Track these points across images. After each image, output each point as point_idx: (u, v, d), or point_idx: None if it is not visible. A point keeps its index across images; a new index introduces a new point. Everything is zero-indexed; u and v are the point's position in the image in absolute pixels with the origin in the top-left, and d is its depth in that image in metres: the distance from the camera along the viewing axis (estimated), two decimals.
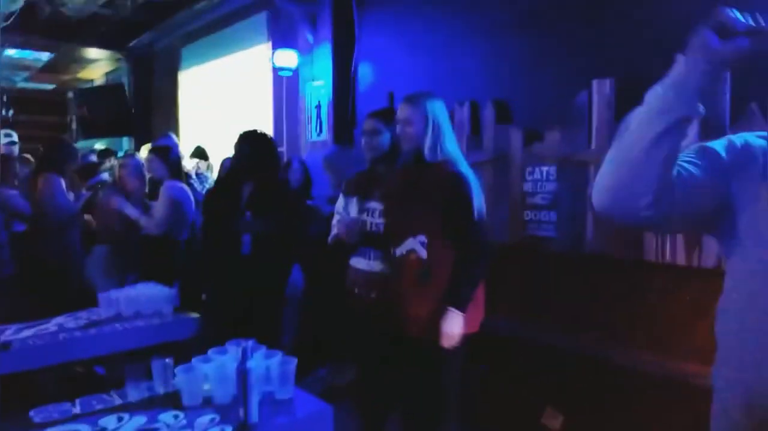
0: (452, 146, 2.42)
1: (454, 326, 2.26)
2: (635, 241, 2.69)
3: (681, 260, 2.55)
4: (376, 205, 2.64)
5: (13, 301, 3.50)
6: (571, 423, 2.87)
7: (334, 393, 1.95)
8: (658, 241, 2.62)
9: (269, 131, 5.49)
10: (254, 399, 1.74)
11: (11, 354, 2.42)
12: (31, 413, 1.79)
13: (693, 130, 2.49)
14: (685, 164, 1.11)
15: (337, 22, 4.78)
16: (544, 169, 3.10)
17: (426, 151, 2.35)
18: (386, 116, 2.68)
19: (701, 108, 1.01)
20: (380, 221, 2.60)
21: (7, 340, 2.53)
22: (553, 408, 2.93)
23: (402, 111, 2.41)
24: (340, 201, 2.82)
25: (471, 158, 2.88)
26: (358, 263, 2.67)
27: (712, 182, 1.10)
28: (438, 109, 2.39)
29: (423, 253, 2.32)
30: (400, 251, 2.38)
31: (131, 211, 3.73)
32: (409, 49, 4.30)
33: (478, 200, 2.35)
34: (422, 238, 2.33)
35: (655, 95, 1.04)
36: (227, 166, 4.16)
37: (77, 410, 1.84)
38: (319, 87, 4.94)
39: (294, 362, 1.95)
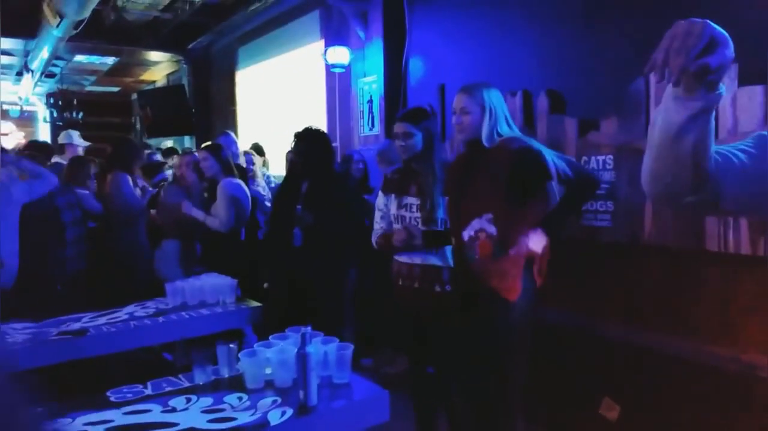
0: (511, 129, 2.42)
1: (533, 242, 2.28)
2: (695, 231, 2.63)
3: (745, 249, 2.48)
4: (413, 200, 2.67)
5: (88, 293, 3.71)
6: (628, 415, 2.83)
7: (383, 383, 2.00)
8: (720, 230, 2.56)
9: (323, 126, 5.60)
10: (313, 383, 1.82)
11: (87, 340, 2.59)
12: (108, 393, 1.92)
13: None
14: (736, 152, 1.09)
15: (387, 18, 4.83)
16: (600, 158, 3.06)
17: (484, 139, 2.35)
18: (415, 117, 2.69)
19: (718, 96, 0.99)
20: (418, 215, 2.64)
21: (84, 327, 2.70)
22: (610, 399, 2.90)
23: (458, 101, 2.41)
24: (381, 198, 2.86)
25: None
26: (400, 256, 2.73)
27: (761, 170, 1.08)
28: (495, 97, 2.39)
29: (492, 229, 2.31)
30: (467, 233, 2.38)
31: (197, 213, 3.90)
32: (459, 42, 4.30)
33: (551, 158, 2.30)
34: (488, 215, 2.32)
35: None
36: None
37: (149, 391, 1.96)
38: (370, 82, 5.00)
39: (351, 348, 2.02)
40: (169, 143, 9.48)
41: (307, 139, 3.38)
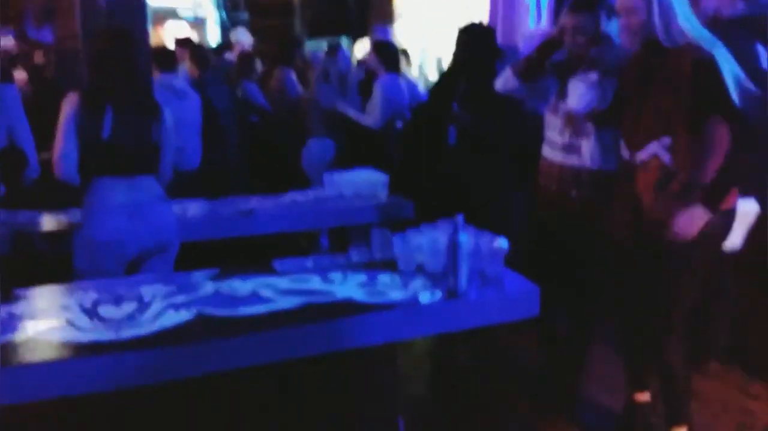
0: (690, 23, 2.08)
1: (689, 223, 2.00)
2: None
3: None
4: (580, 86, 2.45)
5: (250, 182, 4.02)
6: None
7: None
8: None
9: (485, 20, 5.34)
10: (464, 270, 1.83)
11: (253, 219, 2.82)
12: (275, 263, 2.08)
13: None
14: None
15: None
16: None
17: (660, 36, 2.05)
18: (588, 4, 2.42)
19: None
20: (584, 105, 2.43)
21: (251, 208, 2.93)
22: None
23: (621, 0, 2.13)
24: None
25: None
26: (554, 154, 2.54)
27: None
28: None
29: (667, 158, 2.07)
30: (641, 156, 2.14)
31: (352, 112, 3.97)
32: None
33: (734, 83, 1.99)
34: (666, 140, 2.07)
35: None
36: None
37: (310, 265, 2.09)
38: None
39: (505, 241, 1.99)
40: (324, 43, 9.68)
41: (470, 33, 3.26)
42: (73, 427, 1.65)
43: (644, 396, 2.38)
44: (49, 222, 2.64)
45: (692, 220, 1.99)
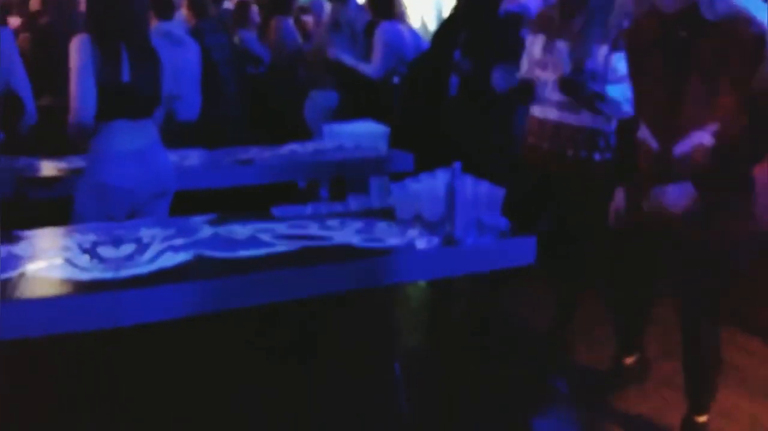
0: None
1: (678, 197, 1.85)
2: None
3: None
4: (563, 47, 2.31)
5: (246, 136, 3.98)
6: None
7: None
8: None
9: None
10: (461, 216, 1.84)
11: (252, 168, 2.82)
12: (273, 209, 2.09)
13: None
14: None
15: None
16: None
17: (702, 8, 1.79)
18: None
19: None
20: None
21: (250, 158, 2.93)
22: None
23: None
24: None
25: None
26: (548, 112, 2.41)
27: None
28: None
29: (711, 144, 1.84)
30: (681, 148, 1.88)
31: (350, 60, 3.87)
32: None
33: None
34: (713, 127, 1.83)
35: None
36: None
37: (308, 212, 2.10)
38: None
39: (502, 191, 1.99)
40: None
41: None
42: (71, 363, 1.69)
43: (630, 360, 2.37)
44: (48, 168, 2.64)
45: (684, 195, 1.85)
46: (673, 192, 1.86)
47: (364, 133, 3.26)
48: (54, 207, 2.37)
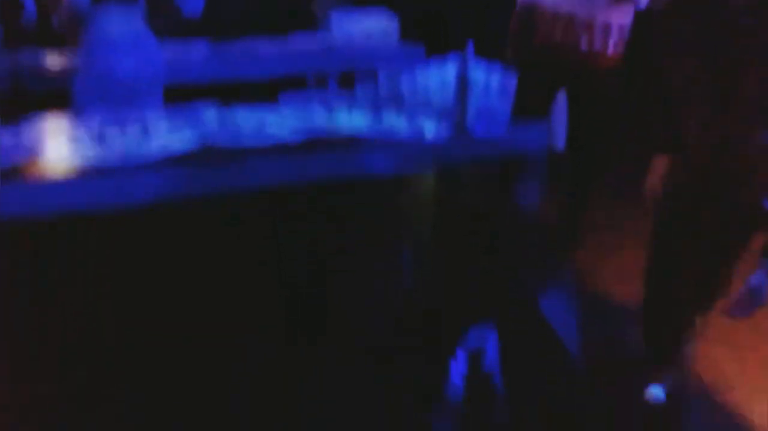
0: None
1: None
2: None
3: None
4: None
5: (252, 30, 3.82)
6: None
7: None
8: None
9: None
10: (472, 105, 1.79)
11: (259, 61, 2.78)
12: (280, 98, 2.05)
13: None
14: None
15: None
16: None
17: None
18: None
19: None
20: None
21: (255, 49, 2.84)
22: None
23: None
24: None
25: None
26: (560, 3, 2.31)
27: None
28: None
29: None
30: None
31: None
32: None
33: None
34: None
35: None
36: None
37: (316, 100, 2.06)
38: None
39: (514, 79, 1.92)
40: None
41: None
42: (77, 245, 1.72)
43: None
44: (46, 60, 2.58)
45: None
46: None
47: (374, 24, 3.13)
48: (57, 101, 2.34)
